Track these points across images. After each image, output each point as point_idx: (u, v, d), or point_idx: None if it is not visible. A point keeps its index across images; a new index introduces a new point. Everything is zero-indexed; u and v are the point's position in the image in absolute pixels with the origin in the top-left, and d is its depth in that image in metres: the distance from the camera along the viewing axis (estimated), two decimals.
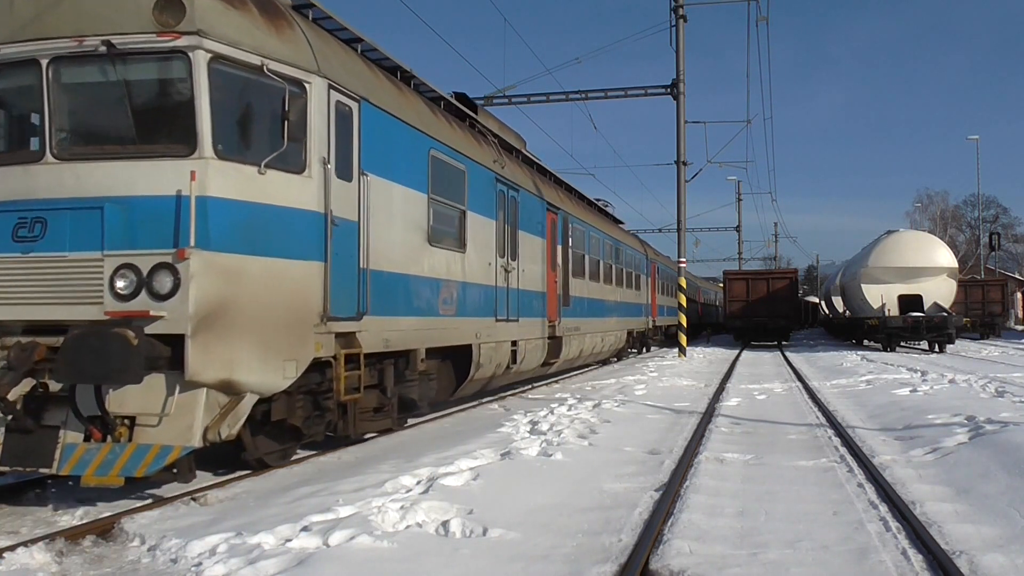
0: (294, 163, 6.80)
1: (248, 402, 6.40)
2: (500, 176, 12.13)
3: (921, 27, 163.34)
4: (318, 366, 7.27)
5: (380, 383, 8.65)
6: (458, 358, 10.80)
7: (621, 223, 25.93)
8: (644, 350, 28.97)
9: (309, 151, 6.94)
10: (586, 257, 17.97)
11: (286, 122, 6.56)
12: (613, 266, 21.25)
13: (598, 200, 22.86)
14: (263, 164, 6.47)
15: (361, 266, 7.77)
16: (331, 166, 7.21)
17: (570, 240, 16.38)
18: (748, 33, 57.46)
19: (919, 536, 4.97)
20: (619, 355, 24.10)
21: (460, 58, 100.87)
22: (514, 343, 12.60)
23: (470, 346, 10.75)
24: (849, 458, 7.72)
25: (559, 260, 15.44)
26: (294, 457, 7.79)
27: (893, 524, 5.32)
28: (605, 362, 22.76)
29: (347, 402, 7.71)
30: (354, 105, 7.72)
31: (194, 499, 6.16)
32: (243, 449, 7.01)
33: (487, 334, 11.32)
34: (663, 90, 24.63)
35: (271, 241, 6.58)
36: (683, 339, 24.41)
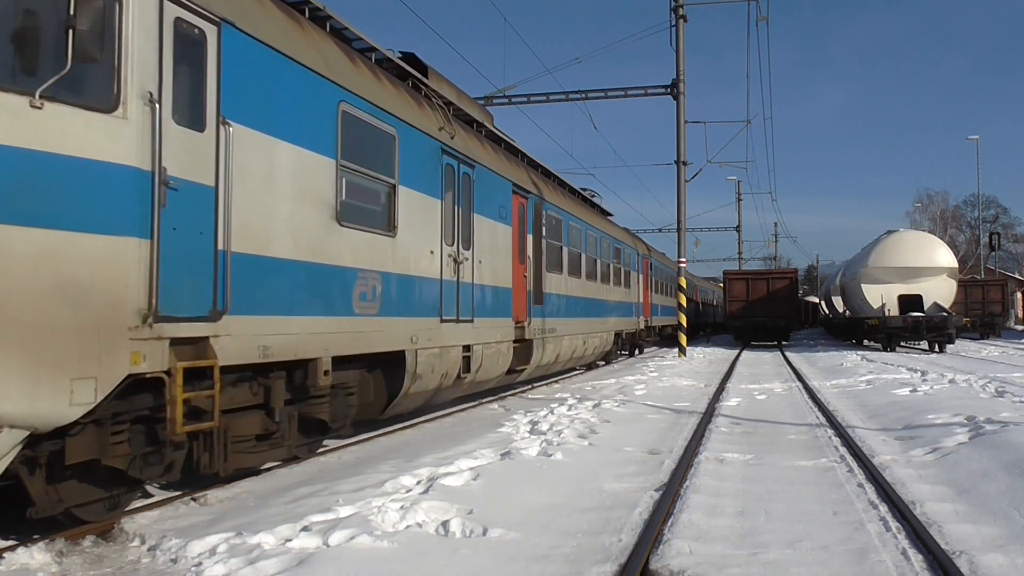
0: (97, 96, 4.94)
1: (8, 440, 4.50)
2: (449, 147, 10.01)
3: (921, 27, 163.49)
4: (149, 384, 5.37)
5: (267, 403, 6.78)
6: (391, 367, 8.83)
7: (610, 215, 24.15)
8: (637, 352, 27.58)
9: (124, 81, 5.03)
10: (564, 249, 16.00)
11: (73, 32, 4.65)
12: (598, 261, 19.35)
13: (584, 190, 21.32)
14: (38, 93, 4.59)
15: (220, 247, 5.83)
16: (164, 106, 5.30)
17: (544, 229, 14.43)
18: (748, 33, 57.54)
19: (919, 536, 4.97)
20: (607, 358, 22.41)
21: (460, 58, 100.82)
22: (467, 348, 10.55)
23: (403, 353, 8.77)
24: (849, 458, 7.72)
25: (529, 251, 13.47)
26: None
27: (893, 524, 5.32)
28: (591, 366, 21.21)
29: (205, 431, 5.85)
30: (210, 28, 5.82)
31: (194, 499, 6.16)
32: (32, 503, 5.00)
33: (428, 338, 9.31)
34: (663, 90, 24.63)
35: (51, 206, 4.66)
36: (683, 339, 24.41)
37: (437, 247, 9.73)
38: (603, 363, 21.89)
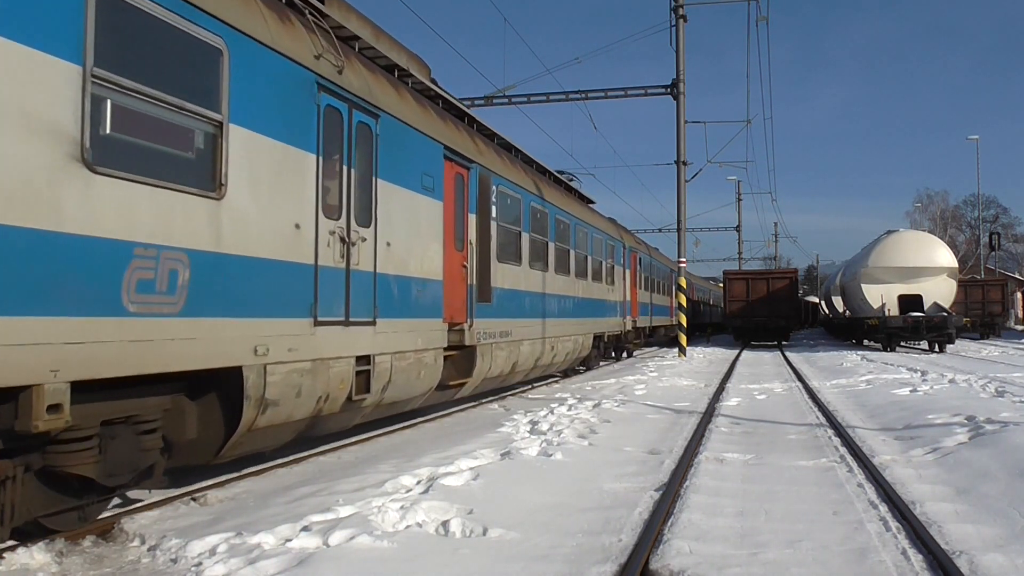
0: None
1: None
2: (332, 84, 7.36)
3: (921, 27, 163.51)
4: None
5: None
6: (230, 391, 6.18)
7: (591, 202, 21.47)
8: (625, 356, 24.94)
9: None
10: (525, 236, 13.33)
11: None
12: (573, 252, 16.79)
13: (562, 173, 18.99)
14: None
15: None
16: None
17: (494, 209, 11.80)
18: (748, 33, 57.54)
19: (919, 536, 4.97)
20: (587, 363, 19.57)
21: (460, 58, 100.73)
22: (364, 360, 7.91)
23: (240, 370, 6.06)
24: (849, 458, 7.72)
25: (472, 236, 10.83)
26: (293, 456, 7.14)
27: (893, 524, 5.32)
28: (567, 373, 18.75)
29: None
30: None
31: (194, 499, 6.16)
32: None
33: (289, 347, 6.63)
34: (663, 90, 24.63)
35: None
36: (683, 339, 24.40)
37: (308, 220, 6.96)
38: (583, 368, 19.50)
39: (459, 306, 10.50)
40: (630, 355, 25.70)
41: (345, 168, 7.68)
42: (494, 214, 11.87)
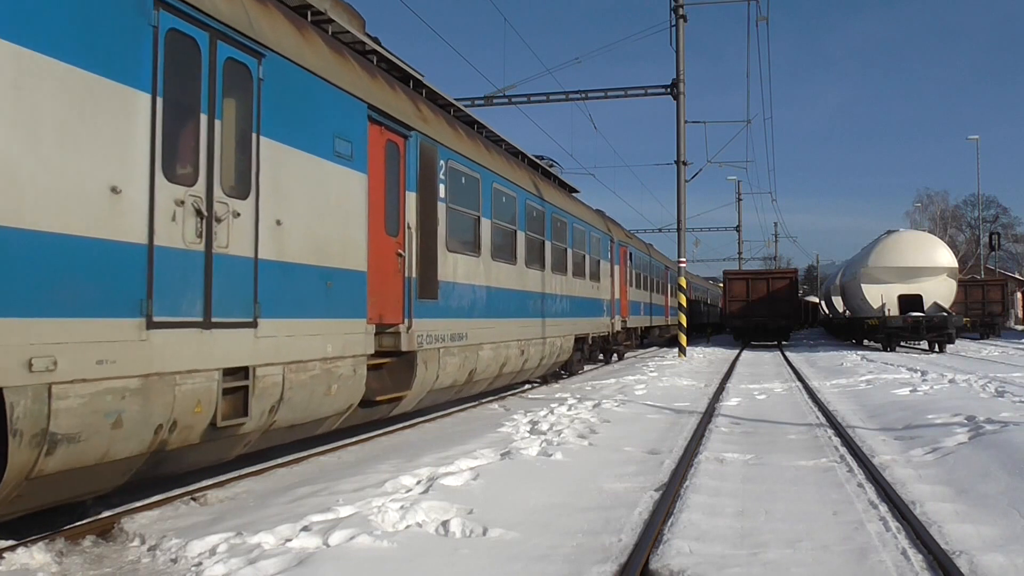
0: None
1: None
2: (181, 2, 5.60)
3: (921, 27, 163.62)
4: None
5: None
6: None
7: (575, 192, 19.65)
8: (614, 359, 23.39)
9: None
10: (486, 224, 11.51)
11: None
12: (548, 244, 14.95)
13: (541, 159, 17.22)
14: None
15: None
16: None
17: (443, 189, 9.92)
18: (748, 33, 57.54)
19: (919, 536, 4.97)
20: (568, 368, 17.67)
21: (460, 58, 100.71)
22: (239, 373, 6.11)
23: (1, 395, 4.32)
24: (849, 458, 7.72)
25: (410, 218, 9.00)
26: (293, 456, 7.34)
27: (893, 524, 5.32)
28: (546, 379, 16.83)
29: None
30: None
31: (194, 499, 6.16)
32: None
33: (101, 358, 4.88)
34: (663, 90, 24.62)
35: None
36: (683, 339, 24.40)
37: (136, 182, 5.20)
38: (565, 373, 17.76)
39: (392, 304, 8.64)
40: (621, 358, 24.16)
41: (205, 118, 5.75)
42: (443, 194, 9.89)
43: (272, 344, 6.47)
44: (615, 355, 23.49)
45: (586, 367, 19.88)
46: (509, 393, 14.29)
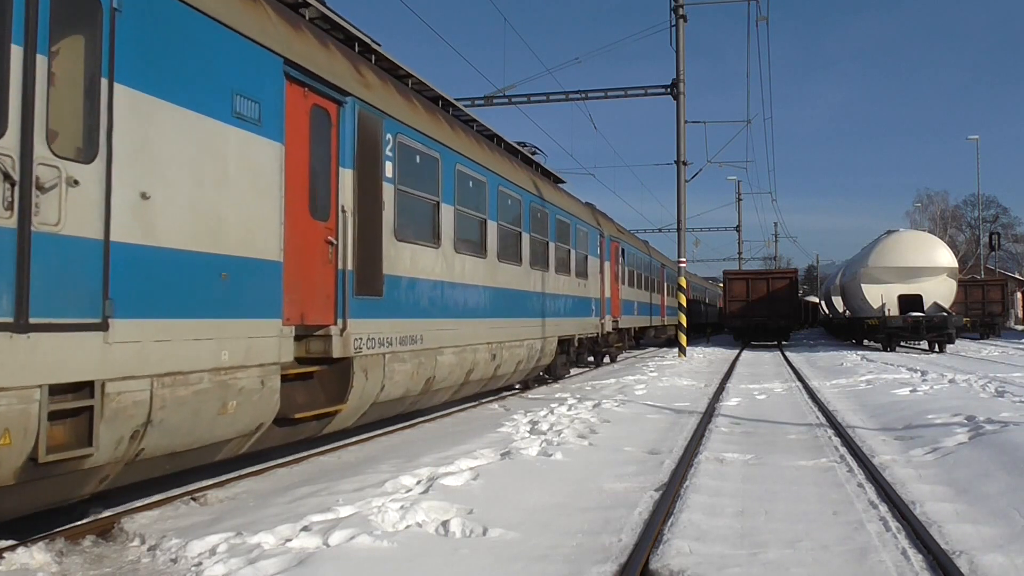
0: None
1: None
2: None
3: (921, 27, 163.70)
4: None
5: None
6: None
7: (560, 182, 18.13)
8: (607, 361, 22.21)
9: None
10: (446, 210, 10.03)
11: None
12: (526, 236, 13.48)
13: (523, 145, 15.70)
14: None
15: None
16: None
17: (391, 167, 8.54)
18: (748, 33, 57.57)
19: (919, 536, 4.97)
20: (552, 373, 16.40)
21: (460, 58, 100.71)
22: (80, 390, 4.75)
23: None
24: (849, 458, 7.72)
25: (345, 200, 7.61)
26: (293, 456, 7.39)
27: (893, 524, 5.32)
28: (528, 385, 15.52)
29: None
30: None
31: (194, 499, 6.16)
32: None
33: None
34: (663, 90, 24.62)
35: None
36: (683, 339, 24.40)
37: None
38: (549, 378, 16.52)
39: (320, 301, 7.31)
40: (613, 360, 22.95)
41: (18, 50, 4.38)
42: (391, 174, 8.49)
43: (134, 352, 5.03)
44: (607, 357, 22.35)
45: (573, 371, 18.58)
46: (509, 393, 14.28)
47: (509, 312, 12.56)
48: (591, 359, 20.42)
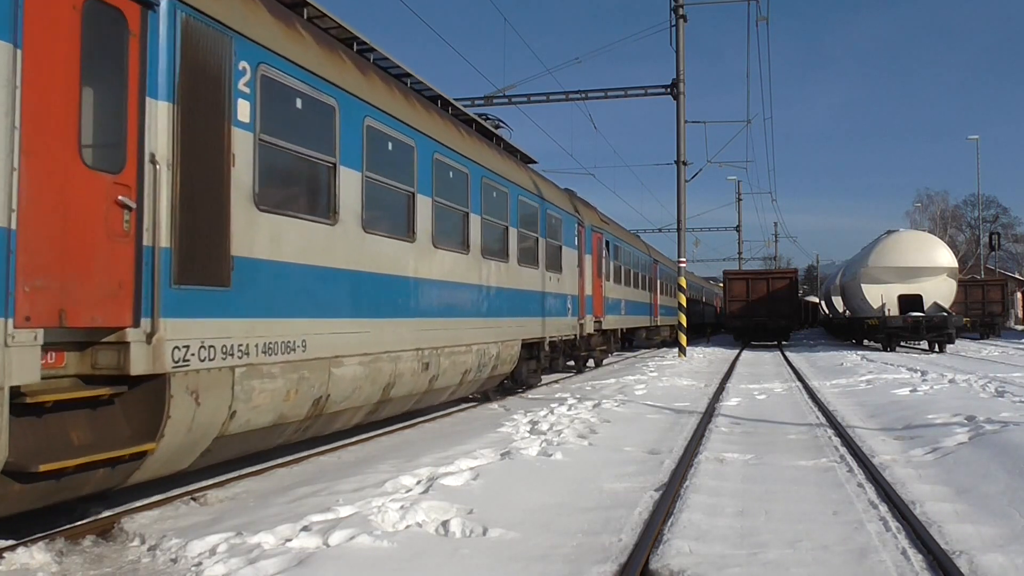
0: None
1: None
2: None
3: (921, 27, 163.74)
4: None
5: None
6: None
7: (531, 162, 15.98)
8: (590, 365, 20.32)
9: None
10: (345, 174, 7.72)
11: None
12: (477, 219, 11.15)
13: (485, 119, 13.65)
14: None
15: None
16: None
17: (245, 107, 6.31)
18: (748, 33, 57.58)
19: (919, 536, 4.97)
20: (518, 378, 13.95)
21: (460, 58, 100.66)
22: None
23: None
24: (849, 458, 7.72)
25: (157, 145, 5.44)
26: (293, 456, 7.34)
27: (893, 524, 5.32)
28: (488, 396, 13.35)
29: None
30: None
31: (194, 499, 6.16)
32: None
33: None
34: (663, 90, 24.62)
35: None
36: (683, 339, 24.39)
37: None
38: (521, 388, 14.48)
39: (107, 291, 5.06)
40: (598, 365, 20.93)
41: None
42: (246, 117, 6.28)
43: None
44: (591, 361, 20.34)
45: (548, 377, 16.86)
46: (509, 394, 14.27)
47: (451, 310, 10.22)
48: (572, 363, 18.77)
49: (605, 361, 22.22)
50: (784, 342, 37.11)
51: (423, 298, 9.40)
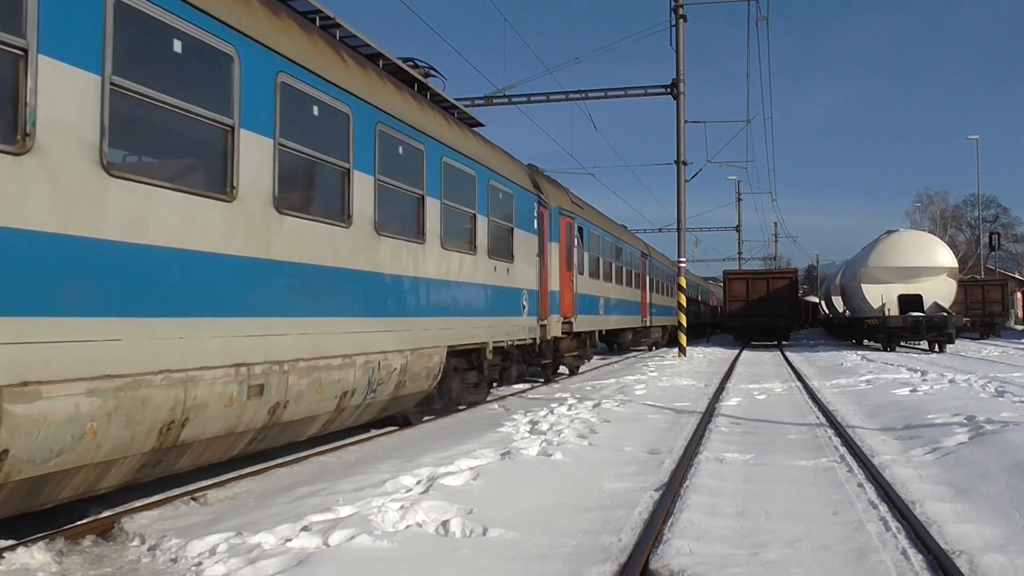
0: None
1: None
2: None
3: (920, 27, 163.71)
4: None
5: None
6: None
7: (477, 125, 12.70)
8: (563, 375, 17.58)
9: None
10: (37, 69, 4.43)
11: None
12: (362, 178, 8.03)
13: (408, 61, 10.41)
14: None
15: None
16: None
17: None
18: (748, 33, 57.58)
19: (919, 536, 4.97)
20: (449, 396, 11.02)
21: (460, 58, 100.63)
22: None
23: None
24: (849, 458, 7.72)
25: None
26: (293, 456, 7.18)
27: (893, 524, 5.32)
28: (407, 421, 10.34)
29: None
30: None
31: (194, 499, 6.16)
32: None
33: None
34: (663, 90, 24.63)
35: None
36: (683, 339, 24.39)
37: None
38: (457, 406, 11.47)
39: None
40: (573, 373, 18.07)
41: None
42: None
43: None
44: (563, 368, 17.70)
45: (503, 390, 13.82)
46: (509, 393, 14.24)
47: (313, 306, 7.11)
48: (522, 384, 15.39)
49: (583, 368, 19.40)
50: (784, 342, 37.13)
51: (246, 288, 6.22)
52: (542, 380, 16.34)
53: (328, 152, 7.51)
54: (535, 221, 14.10)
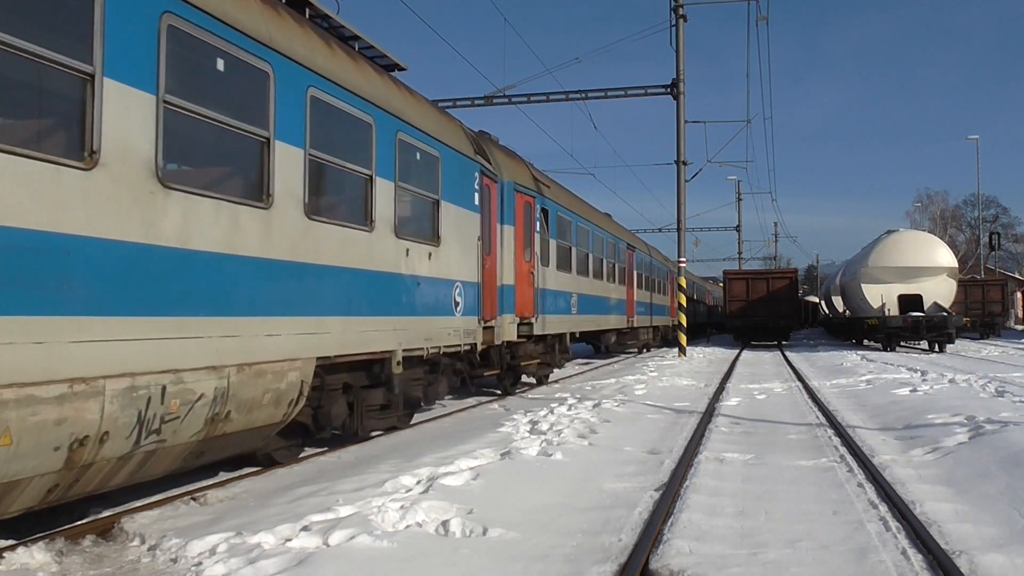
0: None
1: None
2: None
3: (921, 27, 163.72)
4: None
5: None
6: None
7: (397, 68, 9.91)
8: (526, 381, 15.43)
9: None
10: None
11: None
12: (133, 97, 5.00)
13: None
14: None
15: None
16: None
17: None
18: (748, 33, 57.60)
19: (919, 536, 4.97)
20: (324, 426, 7.84)
21: (460, 58, 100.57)
22: None
23: None
24: (849, 458, 7.72)
25: None
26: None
27: (893, 524, 5.32)
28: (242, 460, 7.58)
29: None
30: None
31: (194, 499, 6.16)
32: None
33: None
34: (663, 90, 24.63)
35: None
36: (683, 339, 24.38)
37: None
38: (330, 447, 8.65)
39: None
40: (541, 382, 15.65)
41: None
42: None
43: None
44: (536, 379, 15.47)
45: (374, 432, 9.14)
46: (508, 393, 14.24)
47: (28, 301, 4.32)
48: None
49: (552, 377, 16.69)
50: (784, 342, 37.14)
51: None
52: (500, 392, 14.06)
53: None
54: (476, 195, 11.25)
